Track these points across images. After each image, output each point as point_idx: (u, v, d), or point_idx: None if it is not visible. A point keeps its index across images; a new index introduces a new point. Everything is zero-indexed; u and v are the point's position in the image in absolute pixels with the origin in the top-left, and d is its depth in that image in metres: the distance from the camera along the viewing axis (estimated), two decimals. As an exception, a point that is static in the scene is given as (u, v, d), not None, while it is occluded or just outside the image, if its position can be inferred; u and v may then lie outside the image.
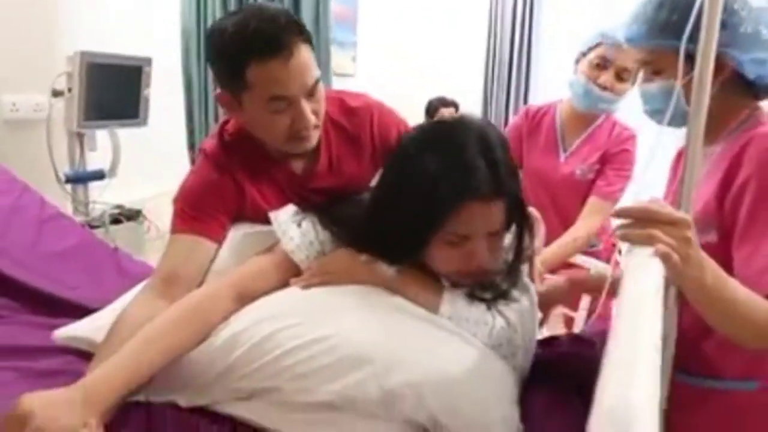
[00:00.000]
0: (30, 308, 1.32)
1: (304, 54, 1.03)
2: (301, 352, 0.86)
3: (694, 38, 0.89)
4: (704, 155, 1.00)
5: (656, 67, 1.03)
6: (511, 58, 4.78)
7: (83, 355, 1.08)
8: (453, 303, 0.95)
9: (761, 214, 0.89)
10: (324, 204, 1.12)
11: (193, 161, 2.71)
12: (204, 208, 1.12)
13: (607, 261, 1.86)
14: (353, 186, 1.17)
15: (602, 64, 1.72)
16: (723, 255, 0.91)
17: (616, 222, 0.83)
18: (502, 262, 1.01)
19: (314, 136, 1.12)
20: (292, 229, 1.05)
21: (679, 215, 0.75)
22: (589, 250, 1.86)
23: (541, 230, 1.11)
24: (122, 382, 0.83)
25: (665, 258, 0.70)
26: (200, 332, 0.93)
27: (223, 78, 1.08)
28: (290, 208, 1.10)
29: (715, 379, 1.03)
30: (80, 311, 1.27)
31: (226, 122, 1.22)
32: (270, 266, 1.03)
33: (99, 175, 2.33)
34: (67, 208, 2.21)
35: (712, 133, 0.96)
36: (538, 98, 4.53)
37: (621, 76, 1.72)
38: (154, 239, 2.49)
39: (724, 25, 0.89)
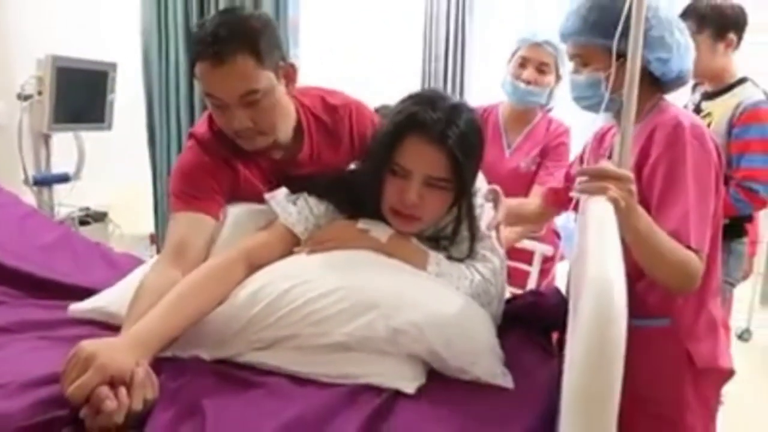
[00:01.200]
0: (31, 294, 1.36)
1: (240, 65, 1.11)
2: (316, 302, 1.00)
3: (618, 38, 1.11)
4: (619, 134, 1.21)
5: (585, 60, 1.24)
6: (446, 64, 5.07)
7: (101, 325, 1.17)
8: (438, 262, 1.13)
9: (673, 183, 1.11)
10: (309, 185, 1.24)
11: (154, 165, 2.79)
12: (200, 187, 1.23)
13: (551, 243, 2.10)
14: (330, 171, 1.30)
15: (523, 63, 1.98)
16: None
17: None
18: (444, 225, 1.17)
19: (259, 140, 1.22)
20: (289, 206, 1.19)
21: (625, 172, 0.96)
22: (533, 236, 2.08)
23: (503, 204, 1.29)
24: (165, 330, 0.95)
25: (615, 202, 0.90)
26: (220, 294, 1.05)
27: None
28: (283, 191, 1.24)
29: (639, 318, 1.22)
30: (81, 294, 1.31)
31: None
32: (273, 239, 1.17)
33: (64, 178, 2.38)
34: (35, 210, 2.24)
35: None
36: (472, 100, 4.84)
37: (541, 69, 1.97)
38: (119, 240, 2.55)
39: None
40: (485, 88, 5.03)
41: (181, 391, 0.92)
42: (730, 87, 1.93)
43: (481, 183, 1.23)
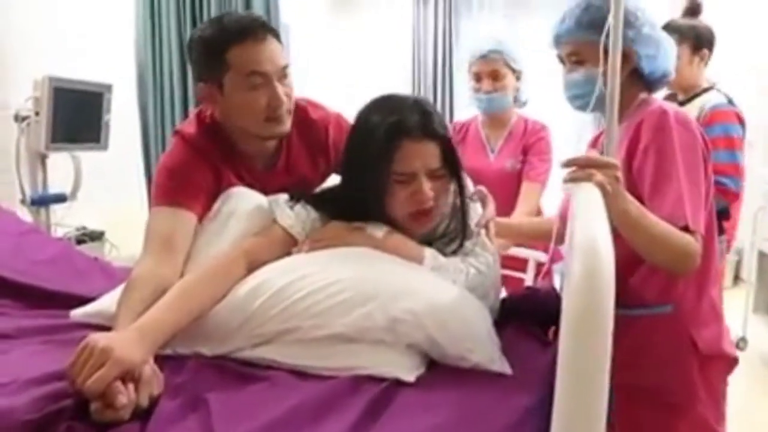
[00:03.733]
0: (33, 305, 1.37)
1: (274, 42, 1.24)
2: (315, 294, 1.02)
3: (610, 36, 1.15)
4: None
5: (581, 58, 1.28)
6: (434, 93, 5.22)
7: (102, 328, 1.17)
8: (434, 257, 1.15)
9: (664, 168, 1.14)
10: (307, 194, 1.27)
11: (150, 184, 2.81)
12: (185, 184, 1.24)
13: (544, 251, 2.13)
14: (302, 186, 1.33)
15: (478, 77, 2.11)
16: None
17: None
18: (449, 209, 1.21)
19: (287, 121, 1.28)
20: (288, 209, 1.22)
21: (611, 160, 1.00)
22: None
23: (491, 202, 1.33)
24: (170, 324, 0.97)
25: (601, 187, 0.93)
26: (221, 291, 1.06)
27: (205, 69, 1.25)
28: (284, 195, 1.26)
29: (638, 307, 1.25)
30: (81, 302, 1.31)
31: (202, 110, 1.35)
32: (272, 240, 1.19)
33: (61, 198, 2.40)
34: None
35: (618, 115, 1.22)
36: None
37: (496, 77, 2.09)
38: (116, 259, 2.56)
39: (630, 25, 1.16)
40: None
41: (185, 386, 0.94)
42: (699, 95, 2.13)
43: (467, 184, 1.26)
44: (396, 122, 1.12)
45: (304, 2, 4.93)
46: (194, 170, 1.26)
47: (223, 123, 1.31)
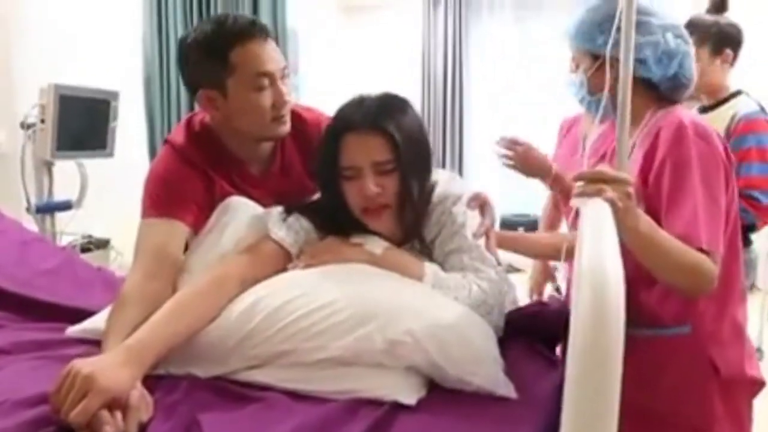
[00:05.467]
0: (32, 317, 1.36)
1: (273, 43, 1.24)
2: (312, 315, 0.99)
3: (606, 43, 1.15)
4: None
5: (576, 62, 1.30)
6: (444, 99, 5.20)
7: (98, 344, 1.15)
8: (434, 273, 1.12)
9: (680, 184, 1.10)
10: (297, 205, 1.24)
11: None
12: (175, 195, 1.21)
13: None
14: (301, 189, 1.30)
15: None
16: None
17: None
18: (407, 206, 1.15)
19: (289, 121, 1.27)
20: (280, 222, 1.19)
21: (623, 175, 0.96)
22: None
23: (491, 210, 1.28)
24: (160, 344, 0.95)
25: (611, 203, 0.89)
26: (213, 308, 1.03)
27: (206, 73, 1.21)
28: (278, 208, 1.23)
29: (653, 327, 1.20)
30: (81, 316, 1.29)
31: (192, 117, 1.32)
32: (265, 254, 1.15)
33: (67, 206, 2.39)
34: (37, 238, 2.24)
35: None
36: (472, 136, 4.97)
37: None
38: (121, 267, 2.55)
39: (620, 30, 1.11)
40: (484, 109, 5.18)
41: (177, 406, 0.91)
42: (726, 100, 1.97)
43: (461, 190, 1.22)
44: (341, 117, 1.14)
45: (313, 8, 4.93)
46: (184, 180, 1.23)
47: (217, 128, 1.28)
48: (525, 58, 5.01)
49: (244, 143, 1.29)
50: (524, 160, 1.50)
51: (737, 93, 1.98)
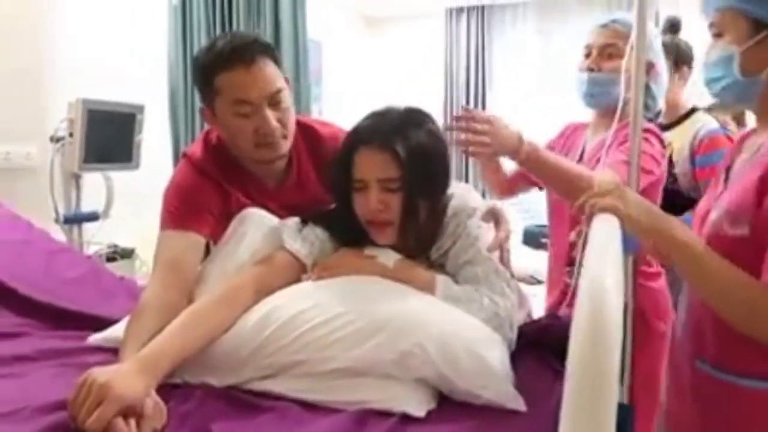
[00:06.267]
0: (56, 325, 1.39)
1: (267, 66, 1.21)
2: (324, 327, 1.00)
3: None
4: (754, 142, 1.04)
5: (717, 29, 1.01)
6: (467, 98, 5.20)
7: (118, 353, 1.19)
8: (446, 286, 1.12)
9: None
10: (312, 215, 1.27)
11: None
12: (191, 207, 1.24)
13: None
14: (316, 202, 1.32)
15: (587, 53, 1.62)
16: (752, 251, 0.91)
17: None
18: (411, 225, 1.16)
19: (283, 145, 1.26)
20: (296, 233, 1.22)
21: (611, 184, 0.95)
22: None
23: (507, 222, 1.28)
24: (175, 353, 0.97)
25: (613, 210, 0.89)
26: (228, 319, 1.06)
27: (200, 92, 1.26)
28: (295, 219, 1.26)
29: (746, 377, 1.00)
30: (103, 324, 1.33)
31: (209, 131, 1.36)
32: (280, 266, 1.18)
33: (93, 216, 2.45)
34: (65, 247, 2.31)
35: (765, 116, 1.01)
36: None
37: (603, 54, 1.57)
38: (146, 276, 2.60)
39: None
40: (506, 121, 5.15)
41: (190, 415, 0.93)
42: (685, 117, 2.03)
43: (477, 203, 1.23)
44: (358, 128, 1.17)
45: (336, 19, 4.99)
46: (200, 192, 1.26)
47: (227, 144, 1.31)
48: (548, 69, 4.99)
49: (250, 161, 1.30)
50: (497, 136, 1.27)
51: (694, 110, 2.03)
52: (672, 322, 1.29)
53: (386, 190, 1.13)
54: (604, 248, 0.72)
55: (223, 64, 1.18)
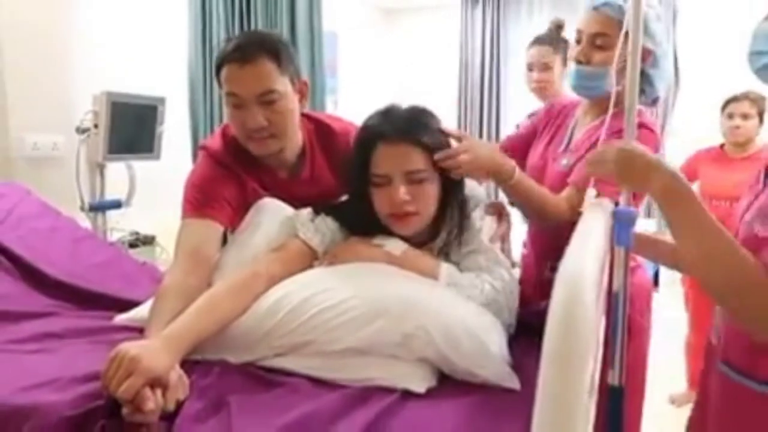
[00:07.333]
0: (83, 306, 1.49)
1: (263, 66, 1.26)
2: (332, 310, 1.08)
3: None
4: None
5: None
6: (481, 100, 5.21)
7: (142, 331, 1.28)
8: (449, 273, 1.19)
9: None
10: (324, 206, 1.34)
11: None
12: (210, 196, 1.32)
13: None
14: (330, 196, 1.39)
15: (578, 39, 1.53)
16: None
17: None
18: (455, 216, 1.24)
19: (271, 144, 1.33)
20: (308, 223, 1.29)
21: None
22: None
23: (508, 215, 1.34)
24: (194, 334, 1.05)
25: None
26: (244, 303, 1.13)
27: (218, 82, 1.34)
28: (308, 209, 1.33)
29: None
30: (127, 306, 1.42)
31: (228, 125, 1.43)
32: (293, 254, 1.26)
33: (117, 204, 2.55)
34: (90, 234, 2.41)
35: None
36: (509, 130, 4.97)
37: (594, 43, 1.48)
38: (166, 262, 2.70)
39: None
40: (522, 111, 5.18)
41: (210, 388, 1.02)
42: None
43: (481, 196, 1.29)
44: (372, 126, 1.21)
45: (352, 10, 5.04)
46: (219, 183, 1.34)
47: None
48: (562, 59, 4.99)
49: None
50: (473, 165, 1.23)
51: None
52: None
53: (412, 181, 1.18)
54: (585, 238, 0.78)
55: (225, 59, 1.28)
